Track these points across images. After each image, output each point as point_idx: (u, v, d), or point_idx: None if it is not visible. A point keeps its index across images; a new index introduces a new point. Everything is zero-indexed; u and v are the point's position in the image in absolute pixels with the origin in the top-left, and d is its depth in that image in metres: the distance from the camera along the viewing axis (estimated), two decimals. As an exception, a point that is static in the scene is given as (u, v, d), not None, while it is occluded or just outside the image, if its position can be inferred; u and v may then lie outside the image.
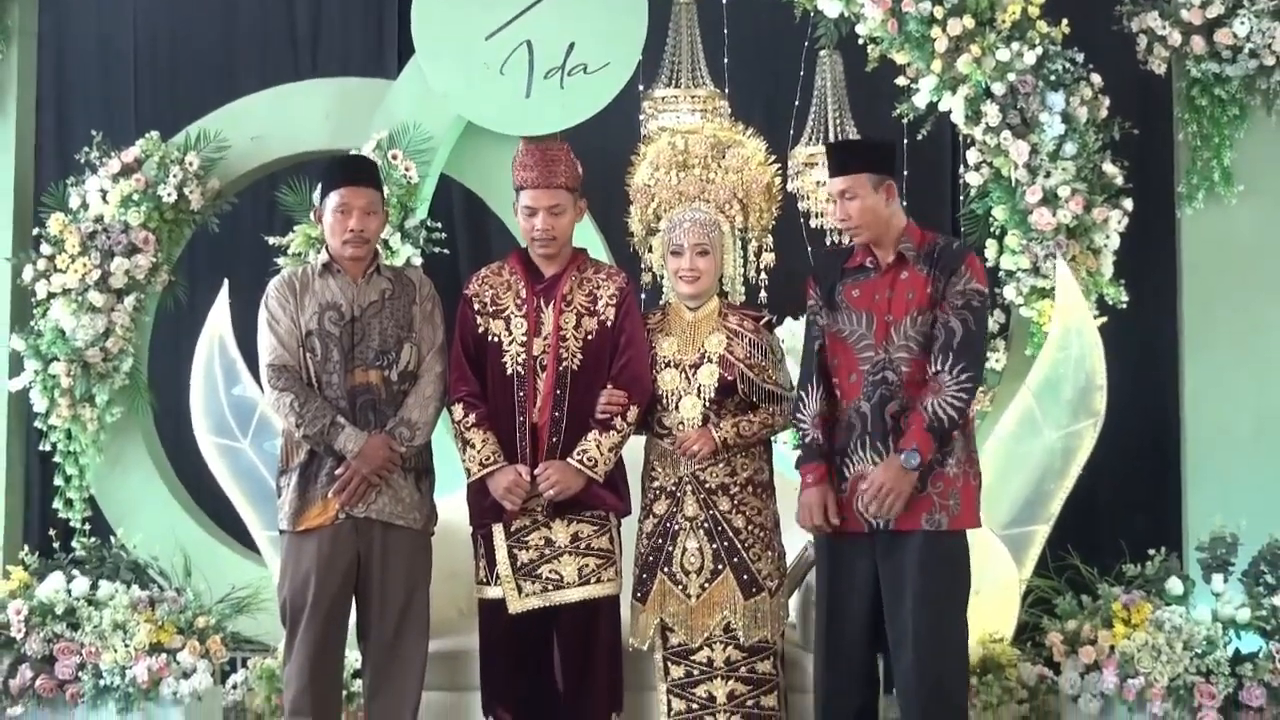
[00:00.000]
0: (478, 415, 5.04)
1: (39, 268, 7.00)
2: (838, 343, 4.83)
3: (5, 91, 7.31)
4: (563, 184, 5.02)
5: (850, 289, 4.83)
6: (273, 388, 5.00)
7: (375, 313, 5.07)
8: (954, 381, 4.61)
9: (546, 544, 5.01)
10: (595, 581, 5.00)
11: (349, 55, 8.18)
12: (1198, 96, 6.66)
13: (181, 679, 5.61)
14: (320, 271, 5.10)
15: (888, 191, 4.79)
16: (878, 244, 4.81)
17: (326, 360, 5.01)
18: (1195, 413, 6.75)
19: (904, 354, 4.70)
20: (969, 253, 4.81)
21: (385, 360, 5.05)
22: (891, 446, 4.67)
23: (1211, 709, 5.24)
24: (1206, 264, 6.75)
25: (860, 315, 4.78)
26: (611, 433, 4.98)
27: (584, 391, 5.00)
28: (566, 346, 5.02)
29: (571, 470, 4.95)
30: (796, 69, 7.39)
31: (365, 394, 5.03)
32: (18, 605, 5.73)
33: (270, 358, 5.03)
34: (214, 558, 6.79)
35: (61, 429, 7.04)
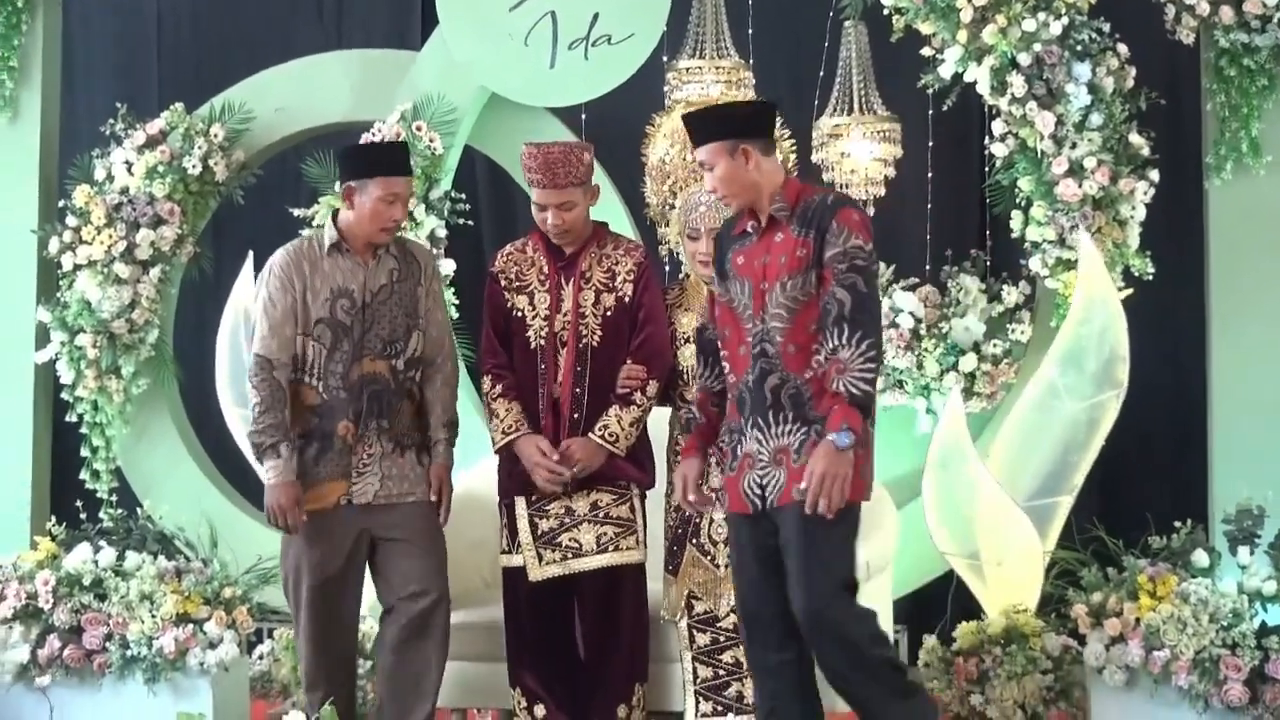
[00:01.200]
0: (504, 385, 5.08)
1: (65, 240, 7.03)
2: (728, 313, 4.61)
3: (30, 62, 7.32)
4: (568, 182, 5.03)
5: (736, 256, 4.63)
6: (249, 380, 5.03)
7: (385, 299, 5.07)
8: (857, 354, 4.31)
9: (567, 513, 5.04)
10: (614, 549, 5.02)
11: (373, 26, 8.18)
12: (1226, 66, 6.62)
13: (208, 649, 5.64)
14: (329, 250, 5.08)
15: (745, 155, 4.52)
16: (758, 208, 4.58)
17: (335, 350, 5.02)
18: (1222, 384, 6.73)
19: (777, 323, 4.46)
20: (841, 207, 4.51)
21: (393, 350, 5.07)
22: (774, 422, 4.47)
23: (1237, 681, 5.24)
24: (1234, 235, 6.72)
25: (743, 283, 4.57)
26: (632, 407, 5.01)
27: (604, 366, 5.03)
28: (586, 323, 5.05)
29: (593, 446, 4.99)
30: (821, 40, 7.36)
31: (373, 384, 5.04)
32: (45, 576, 5.76)
33: (258, 346, 5.03)
34: (240, 528, 6.83)
35: (88, 400, 7.08)
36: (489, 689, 5.34)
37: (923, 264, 7.19)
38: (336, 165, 5.29)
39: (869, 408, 4.37)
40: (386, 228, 5.04)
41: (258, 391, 4.97)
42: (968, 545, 5.98)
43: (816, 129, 7.29)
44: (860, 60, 7.31)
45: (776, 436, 4.46)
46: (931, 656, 5.83)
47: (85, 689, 5.69)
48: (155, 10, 8.37)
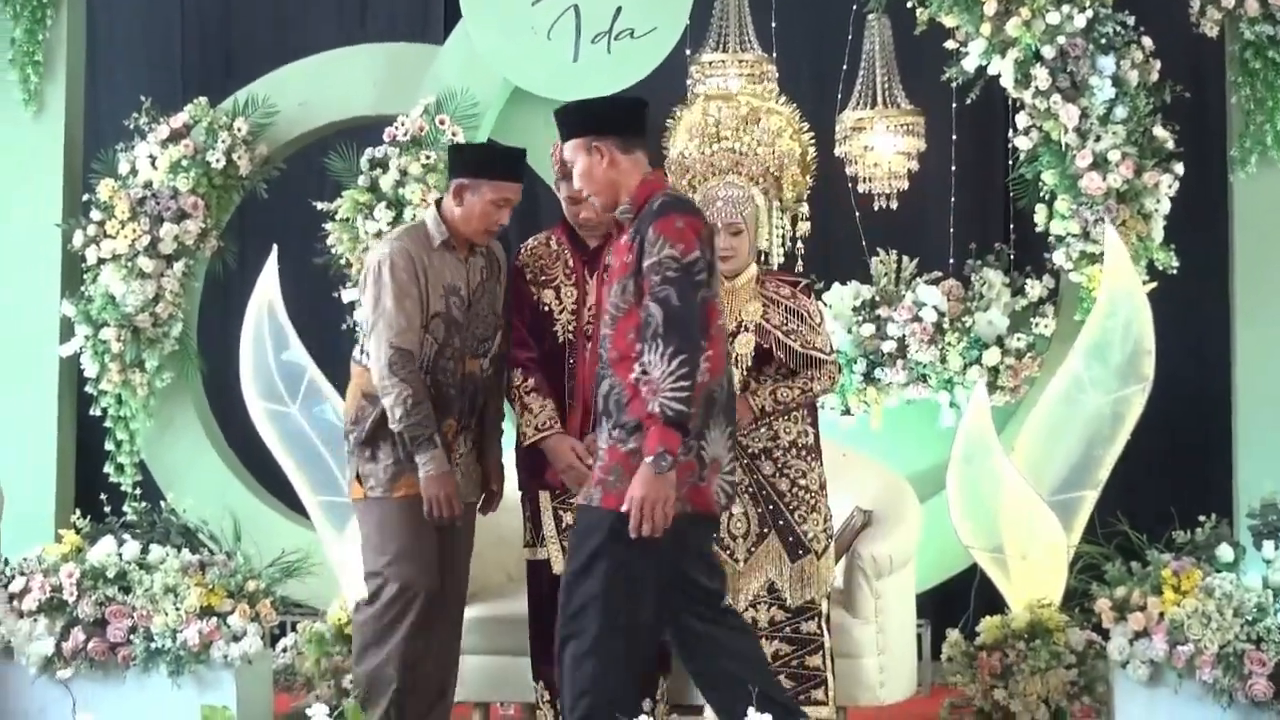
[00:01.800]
0: (535, 380, 5.07)
1: (89, 234, 7.05)
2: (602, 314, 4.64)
3: (55, 56, 7.34)
4: None
5: (604, 258, 4.76)
6: (392, 373, 4.84)
7: (480, 296, 5.08)
8: (668, 373, 4.22)
9: None
10: None
11: (396, 20, 8.18)
12: (1251, 59, 6.61)
13: (232, 642, 5.65)
14: (438, 246, 5.02)
15: (599, 152, 4.52)
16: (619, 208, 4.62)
17: (446, 346, 4.97)
18: (1247, 379, 6.72)
19: (606, 329, 4.48)
20: (661, 216, 4.42)
21: (484, 348, 5.09)
22: (602, 425, 4.47)
23: (1262, 676, 5.22)
24: (1259, 229, 6.71)
25: (603, 287, 4.67)
26: None
27: None
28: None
29: None
30: (844, 33, 7.36)
31: (471, 383, 5.08)
32: (70, 569, 5.78)
33: (397, 339, 4.87)
34: (263, 522, 6.85)
35: (112, 394, 7.10)
36: (512, 682, 5.34)
37: (946, 257, 7.18)
38: (450, 160, 5.24)
39: (686, 424, 4.25)
40: (490, 229, 5.05)
41: (407, 384, 4.83)
42: (992, 539, 5.98)
43: (840, 123, 7.29)
44: (883, 53, 7.31)
45: (600, 439, 4.49)
46: (955, 650, 5.82)
47: (109, 681, 5.70)
48: (179, 4, 8.38)
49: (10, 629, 5.76)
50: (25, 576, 5.80)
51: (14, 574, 5.84)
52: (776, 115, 5.55)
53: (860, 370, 6.77)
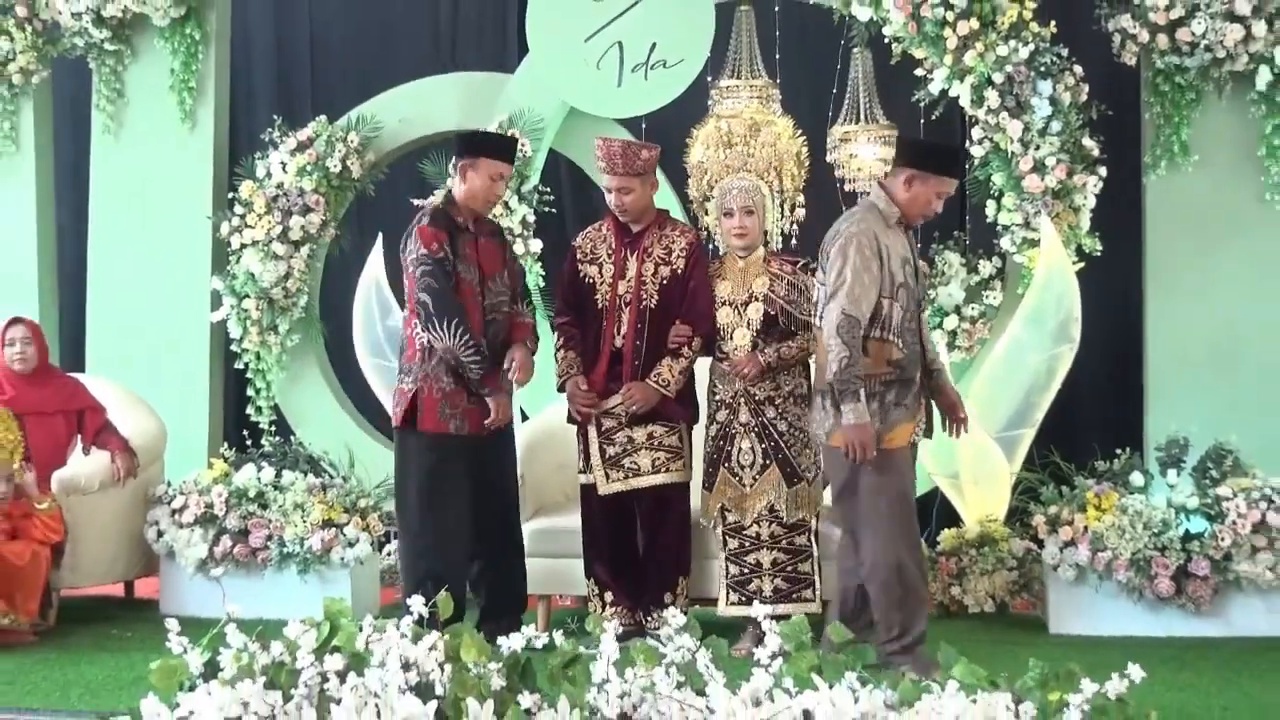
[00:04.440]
0: (566, 338, 5.14)
1: (233, 224, 7.07)
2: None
3: (205, 83, 7.36)
4: (624, 172, 5.06)
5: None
6: (839, 336, 4.50)
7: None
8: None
9: (629, 441, 5.07)
10: (665, 471, 5.06)
11: (478, 53, 8.16)
12: (1161, 84, 6.56)
13: (347, 548, 5.70)
14: (894, 223, 4.65)
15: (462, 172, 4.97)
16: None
17: (907, 310, 4.66)
18: (1155, 340, 6.68)
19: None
20: (414, 226, 4.93)
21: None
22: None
23: (1166, 577, 5.22)
24: (1167, 220, 6.66)
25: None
26: (681, 359, 5.03)
27: (659, 325, 5.05)
28: (646, 289, 5.07)
29: (650, 389, 5.01)
30: (834, 63, 7.32)
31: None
32: (219, 490, 5.83)
33: (851, 307, 4.52)
34: (372, 452, 6.88)
35: (252, 352, 7.13)
36: (567, 580, 5.37)
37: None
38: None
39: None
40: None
41: (849, 347, 4.49)
42: (951, 468, 5.97)
43: (830, 135, 7.26)
44: (866, 79, 7.27)
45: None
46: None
47: (251, 578, 5.76)
48: (308, 41, 8.39)
49: (173, 537, 5.82)
50: (184, 495, 5.87)
51: (175, 494, 5.90)
52: (774, 124, 5.55)
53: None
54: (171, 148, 7.36)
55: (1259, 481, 5.37)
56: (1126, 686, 2.97)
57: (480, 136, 5.29)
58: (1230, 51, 6.34)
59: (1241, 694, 4.33)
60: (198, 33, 7.25)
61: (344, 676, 2.98)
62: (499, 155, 5.05)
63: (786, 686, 2.99)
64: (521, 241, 6.75)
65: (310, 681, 2.98)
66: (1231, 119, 6.54)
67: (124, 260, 7.37)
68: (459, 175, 5.05)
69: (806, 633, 3.10)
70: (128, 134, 7.43)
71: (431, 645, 3.04)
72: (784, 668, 3.04)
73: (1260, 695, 4.31)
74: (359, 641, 3.04)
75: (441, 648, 3.04)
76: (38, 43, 7.35)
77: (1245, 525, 5.23)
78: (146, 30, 7.31)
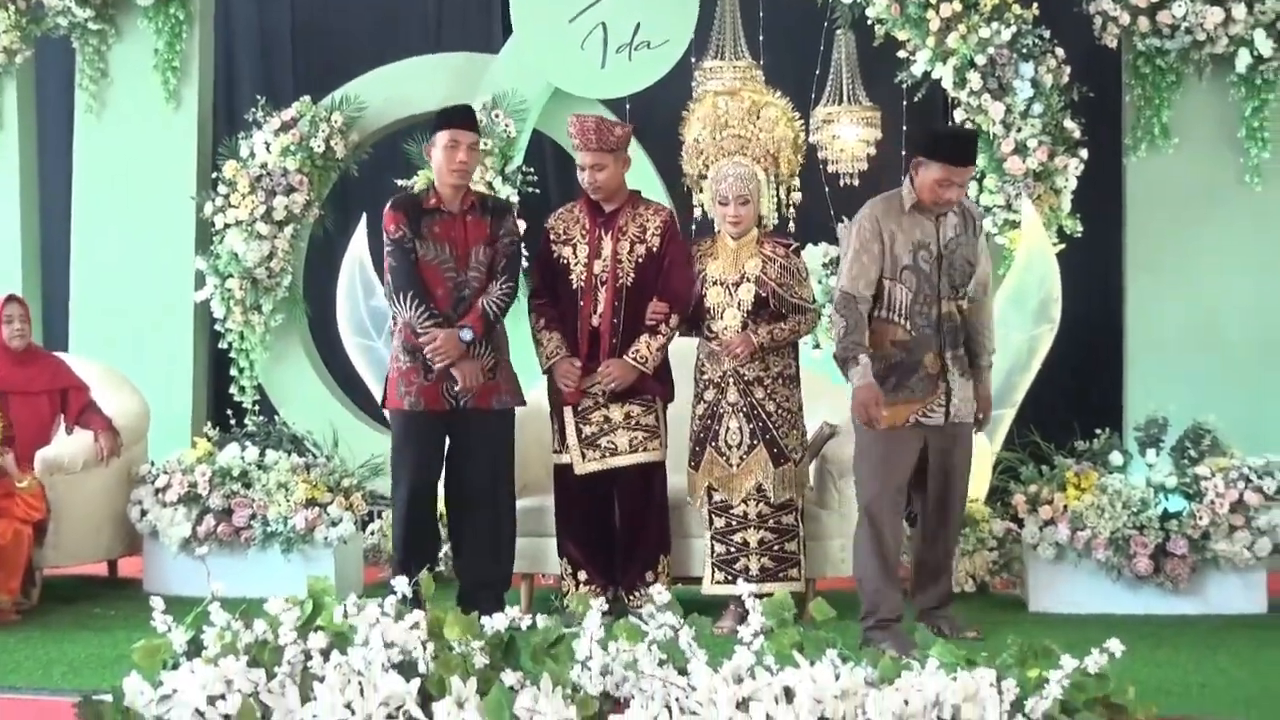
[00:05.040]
0: (546, 319, 5.11)
1: (217, 204, 7.05)
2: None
3: (189, 64, 7.32)
4: (599, 147, 5.04)
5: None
6: (837, 310, 4.66)
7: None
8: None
9: (605, 420, 5.05)
10: (642, 450, 5.05)
11: (463, 34, 8.13)
12: (1142, 66, 6.57)
13: (331, 527, 5.68)
14: (909, 208, 4.72)
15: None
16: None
17: (918, 294, 4.71)
18: (1135, 321, 6.70)
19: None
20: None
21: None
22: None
23: (1144, 556, 5.24)
24: (1147, 202, 6.68)
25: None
26: (658, 336, 5.02)
27: (636, 303, 5.03)
28: (622, 267, 5.05)
29: (627, 366, 4.99)
30: (817, 44, 7.31)
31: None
32: (203, 469, 5.81)
33: (850, 285, 4.67)
34: (356, 432, 6.86)
35: (236, 331, 7.12)
36: (553, 559, 5.31)
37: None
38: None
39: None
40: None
41: (846, 319, 4.65)
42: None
43: (813, 116, 7.25)
44: (849, 61, 7.26)
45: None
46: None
47: (234, 557, 5.75)
48: (290, 20, 8.34)
49: (156, 516, 5.80)
50: (168, 475, 5.84)
51: (159, 473, 5.87)
52: (773, 106, 5.52)
53: (827, 314, 6.73)
54: (155, 127, 7.33)
55: (1237, 461, 5.38)
56: (1106, 661, 2.98)
57: (439, 113, 5.23)
58: (1210, 34, 6.35)
59: (1218, 671, 4.35)
60: (181, 12, 7.21)
61: (327, 655, 2.98)
62: (449, 123, 5.02)
63: (768, 664, 2.99)
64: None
65: (293, 660, 2.98)
66: (1211, 101, 6.56)
67: (108, 240, 7.34)
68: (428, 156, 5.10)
69: (790, 609, 3.10)
70: (111, 114, 7.39)
71: (414, 623, 3.03)
72: (766, 645, 3.04)
73: (1236, 672, 4.33)
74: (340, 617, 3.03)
75: (424, 626, 3.04)
76: (21, 22, 7.30)
77: (1223, 504, 5.24)
78: (130, 10, 7.27)
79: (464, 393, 4.91)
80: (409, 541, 5.03)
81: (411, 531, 5.04)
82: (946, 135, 5.04)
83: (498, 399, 5.02)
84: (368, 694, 2.89)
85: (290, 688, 2.94)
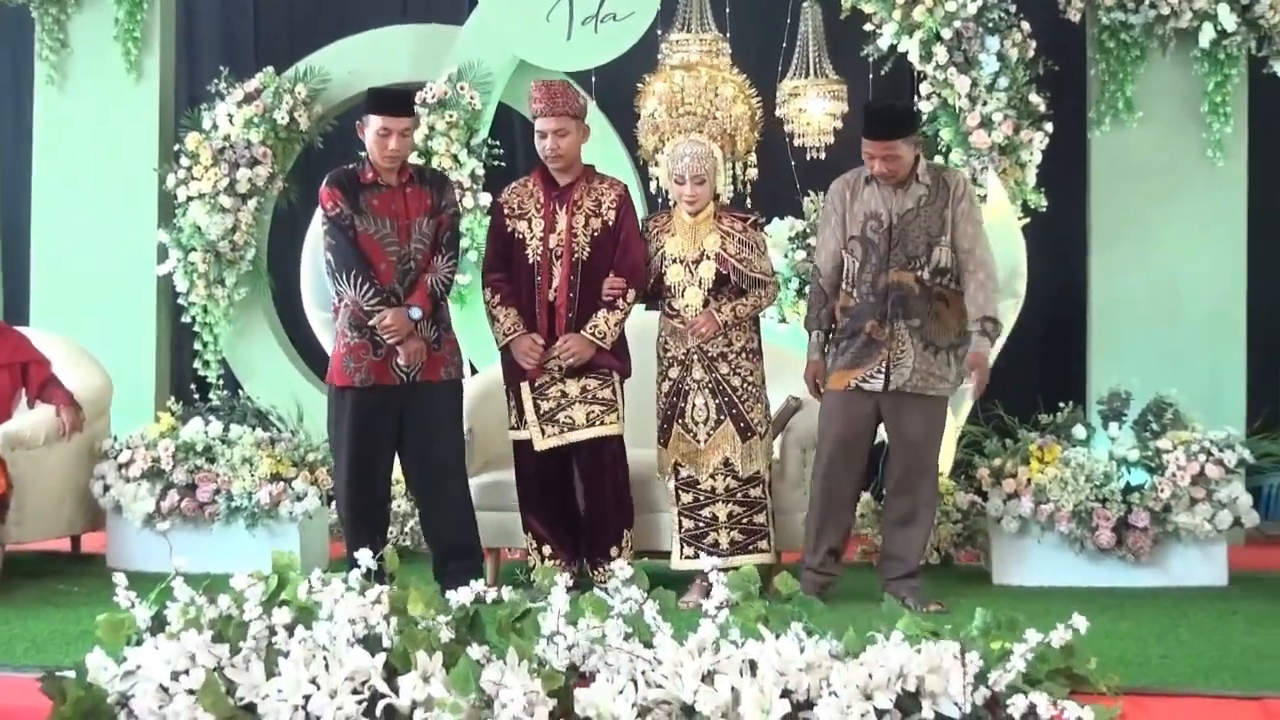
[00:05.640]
0: (502, 295, 5.08)
1: (180, 176, 7.00)
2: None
3: (150, 34, 7.25)
4: (564, 112, 5.02)
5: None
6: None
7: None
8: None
9: (562, 395, 5.04)
10: (600, 424, 5.04)
11: (429, 4, 8.06)
12: (1107, 40, 6.59)
13: (296, 502, 5.67)
14: (867, 180, 4.95)
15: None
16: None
17: (865, 263, 4.91)
18: (1098, 295, 6.74)
19: None
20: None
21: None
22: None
23: (1106, 529, 5.28)
24: (1111, 176, 6.71)
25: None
26: (616, 311, 5.00)
27: (592, 277, 5.02)
28: (578, 241, 5.02)
29: (585, 341, 4.98)
30: (784, 17, 7.29)
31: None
32: (166, 444, 5.78)
33: (816, 260, 5.07)
34: (320, 405, 6.73)
35: (199, 305, 7.07)
36: (517, 533, 5.30)
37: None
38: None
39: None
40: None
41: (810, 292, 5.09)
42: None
43: (780, 90, 7.23)
44: (815, 34, 7.24)
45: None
46: (866, 509, 5.85)
47: (198, 533, 5.72)
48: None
49: (119, 491, 5.77)
50: (131, 450, 5.81)
51: (122, 448, 5.84)
52: (730, 84, 5.51)
53: (794, 288, 6.74)
54: (117, 99, 7.26)
55: (1198, 434, 5.42)
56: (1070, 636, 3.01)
57: (371, 94, 5.19)
58: (1174, 8, 6.38)
59: (1179, 642, 4.38)
60: (142, -18, 7.14)
61: (292, 630, 2.97)
62: (381, 110, 4.98)
63: (733, 637, 3.01)
64: (471, 195, 6.71)
65: (258, 635, 2.98)
66: (1175, 75, 6.59)
67: (69, 213, 7.28)
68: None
69: (755, 582, 3.11)
70: (72, 85, 7.32)
71: (377, 598, 3.03)
72: (731, 618, 3.06)
73: (1196, 643, 4.36)
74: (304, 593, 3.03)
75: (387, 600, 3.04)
76: (-22, -9, 7.22)
77: (1184, 477, 5.29)
78: (90, -21, 7.19)
79: (407, 367, 4.92)
80: (356, 521, 5.03)
81: (359, 512, 5.04)
82: (868, 110, 5.18)
83: (444, 370, 5.04)
84: (333, 668, 2.88)
85: (255, 663, 2.93)
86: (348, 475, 5.03)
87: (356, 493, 5.03)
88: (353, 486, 5.03)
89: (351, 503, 5.05)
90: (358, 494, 5.04)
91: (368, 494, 5.06)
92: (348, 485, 5.04)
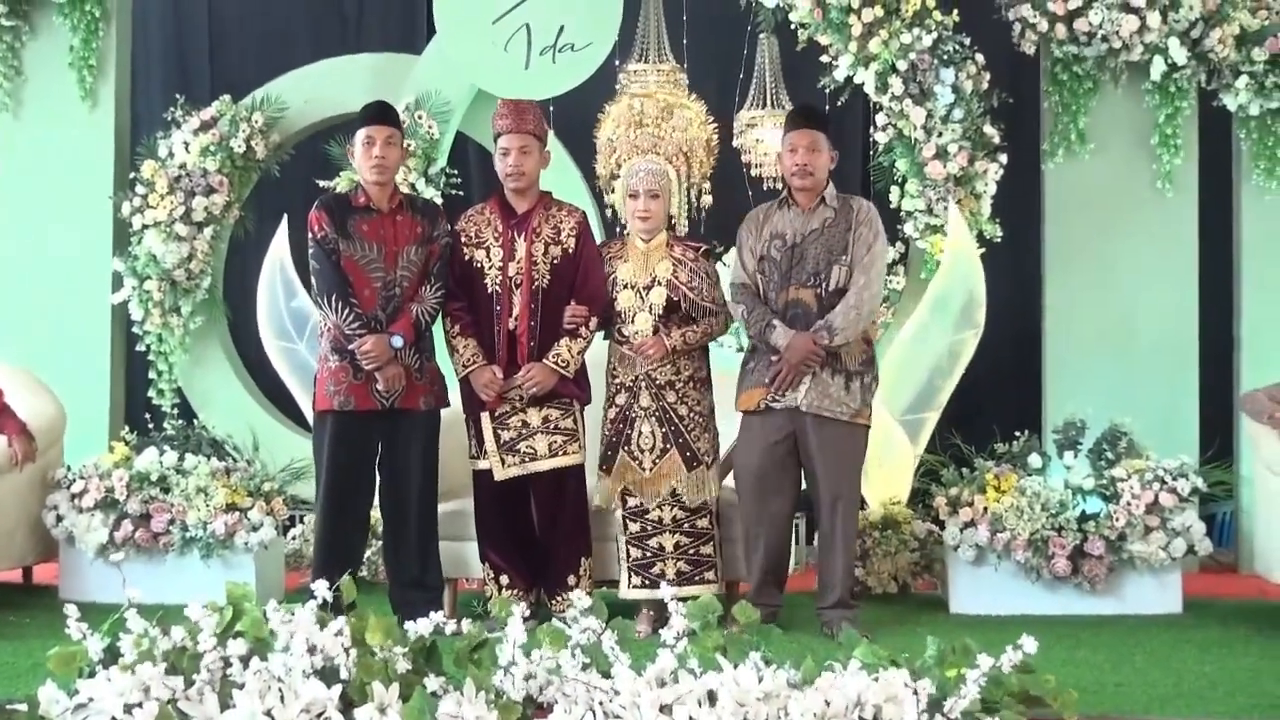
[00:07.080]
0: (461, 325, 5.06)
1: (135, 204, 6.96)
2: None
3: (106, 61, 7.21)
4: (530, 130, 5.05)
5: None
6: (733, 300, 5.04)
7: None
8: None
9: (523, 425, 5.03)
10: (562, 454, 5.03)
11: (385, 35, 8.10)
12: (1060, 73, 6.66)
13: (251, 532, 5.63)
14: (780, 204, 5.07)
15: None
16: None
17: (769, 281, 4.99)
18: (1053, 324, 6.79)
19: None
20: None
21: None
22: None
23: (1062, 557, 5.31)
24: (1065, 207, 6.77)
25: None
26: (578, 339, 5.01)
27: (553, 305, 5.02)
28: (537, 269, 5.02)
29: (548, 370, 4.98)
30: (741, 48, 7.35)
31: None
32: (120, 473, 5.74)
33: (737, 276, 5.05)
34: (276, 436, 6.81)
35: (154, 334, 7.03)
36: (475, 563, 5.29)
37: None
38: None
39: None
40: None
41: (742, 304, 5.05)
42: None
43: (737, 120, 7.29)
44: (772, 65, 7.31)
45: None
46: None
47: (153, 563, 5.68)
48: (206, 19, 8.27)
49: (72, 522, 5.72)
50: (84, 480, 5.76)
51: (75, 478, 5.79)
52: (687, 109, 5.55)
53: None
54: (71, 126, 7.21)
55: (1152, 463, 5.46)
56: (1021, 659, 3.02)
57: (359, 111, 5.21)
58: (1126, 42, 6.45)
59: (1134, 671, 4.41)
60: (97, 9, 7.09)
61: (247, 661, 2.95)
62: (364, 120, 5.03)
63: (691, 667, 3.00)
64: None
65: (212, 666, 2.95)
66: (1127, 108, 6.66)
67: (22, 240, 7.22)
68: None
69: (715, 611, 3.11)
70: (26, 112, 7.26)
71: (337, 630, 3.01)
72: (689, 648, 3.05)
73: (1151, 671, 4.39)
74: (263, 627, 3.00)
75: (346, 631, 3.02)
76: (-69, 18, 7.16)
77: (1139, 506, 5.33)
78: (44, 6, 7.15)
79: (386, 393, 4.91)
80: (330, 543, 5.02)
81: (333, 534, 5.03)
82: (790, 111, 5.38)
83: (425, 399, 5.03)
84: (288, 700, 2.86)
85: (209, 695, 2.91)
86: (325, 497, 5.01)
87: (334, 515, 5.02)
88: (330, 508, 5.02)
89: (329, 525, 5.03)
90: (335, 517, 5.02)
91: (346, 517, 5.05)
92: (324, 507, 5.02)
